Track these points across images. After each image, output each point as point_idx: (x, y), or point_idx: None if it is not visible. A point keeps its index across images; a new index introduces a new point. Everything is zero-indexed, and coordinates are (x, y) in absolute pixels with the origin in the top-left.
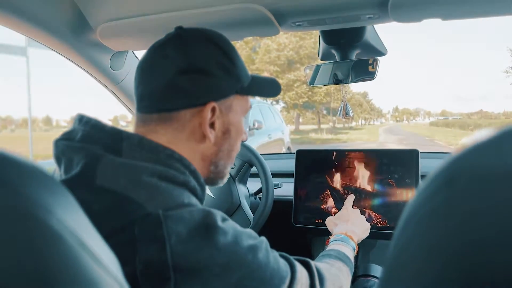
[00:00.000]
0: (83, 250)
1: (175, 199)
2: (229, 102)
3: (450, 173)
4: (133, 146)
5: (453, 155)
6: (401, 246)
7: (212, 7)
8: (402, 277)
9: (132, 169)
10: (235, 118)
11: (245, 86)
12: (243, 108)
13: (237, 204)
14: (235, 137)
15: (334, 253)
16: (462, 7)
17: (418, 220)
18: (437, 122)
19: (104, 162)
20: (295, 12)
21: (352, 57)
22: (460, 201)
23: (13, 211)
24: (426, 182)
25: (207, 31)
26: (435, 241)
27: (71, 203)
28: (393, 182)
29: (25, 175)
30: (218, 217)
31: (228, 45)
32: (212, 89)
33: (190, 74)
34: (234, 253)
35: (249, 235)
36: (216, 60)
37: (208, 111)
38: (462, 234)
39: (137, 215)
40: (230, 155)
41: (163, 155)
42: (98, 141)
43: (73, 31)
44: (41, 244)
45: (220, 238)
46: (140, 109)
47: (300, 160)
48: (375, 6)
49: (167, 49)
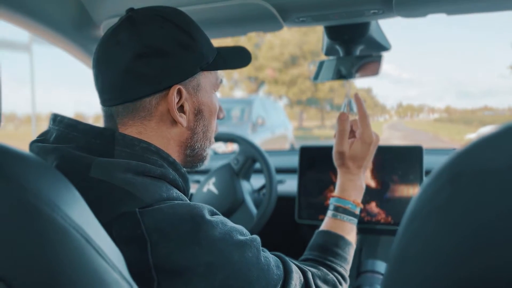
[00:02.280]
0: (89, 244)
1: (152, 194)
2: (196, 81)
3: (453, 170)
4: (106, 143)
5: (456, 152)
6: (405, 243)
7: (216, 2)
8: (406, 273)
9: (105, 167)
10: (205, 96)
11: (211, 61)
12: (213, 84)
13: (240, 200)
14: (209, 117)
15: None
16: (467, 2)
17: (422, 217)
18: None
19: (76, 162)
20: (299, 7)
21: (356, 53)
22: (464, 198)
23: (20, 206)
24: (430, 179)
25: (160, 8)
26: (439, 237)
27: (76, 199)
28: (397, 178)
29: (31, 171)
30: (205, 211)
31: (185, 20)
32: (174, 70)
33: (147, 58)
34: (220, 251)
35: (239, 231)
36: (174, 39)
37: (173, 94)
38: (466, 230)
39: (113, 216)
40: (206, 136)
41: (138, 148)
42: (72, 140)
43: (77, 27)
44: (48, 239)
45: (206, 234)
46: (104, 102)
47: (303, 156)
48: (380, 1)
49: (119, 34)
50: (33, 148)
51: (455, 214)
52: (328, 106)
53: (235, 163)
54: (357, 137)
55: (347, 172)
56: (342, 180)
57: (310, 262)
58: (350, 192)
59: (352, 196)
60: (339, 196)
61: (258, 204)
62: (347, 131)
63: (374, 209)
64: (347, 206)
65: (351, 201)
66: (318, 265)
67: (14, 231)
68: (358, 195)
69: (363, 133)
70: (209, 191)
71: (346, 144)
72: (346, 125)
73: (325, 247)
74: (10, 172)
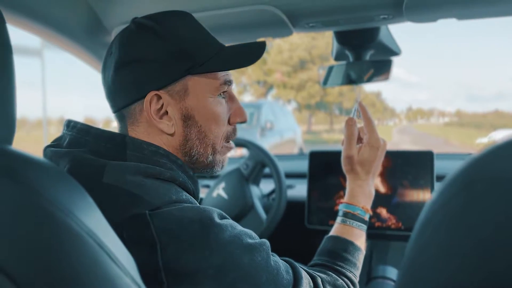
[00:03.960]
0: (102, 250)
1: (162, 196)
2: (181, 85)
3: (467, 177)
4: (117, 147)
5: (470, 160)
6: (418, 250)
7: (226, 9)
8: (419, 280)
9: (116, 170)
10: (194, 101)
11: (202, 64)
12: (208, 88)
13: (250, 205)
14: (205, 122)
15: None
16: (478, 7)
17: (435, 224)
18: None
19: (88, 165)
20: (309, 13)
21: (366, 58)
22: (478, 205)
23: (34, 211)
24: (444, 186)
25: (153, 15)
26: (452, 244)
27: (89, 205)
28: (407, 184)
29: (46, 177)
30: (215, 215)
31: (173, 24)
32: (152, 77)
33: (127, 67)
34: (230, 253)
35: (248, 235)
36: (151, 46)
37: (148, 101)
38: (480, 238)
39: (123, 217)
40: (204, 142)
41: (147, 152)
42: (84, 144)
43: (88, 33)
44: (62, 244)
45: (216, 237)
46: (111, 109)
47: (313, 161)
48: (390, 7)
49: (113, 45)
50: (47, 152)
51: (468, 221)
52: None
53: (245, 168)
54: (365, 142)
55: (356, 178)
56: (351, 186)
57: (319, 267)
58: (359, 198)
59: (361, 202)
60: (348, 202)
61: (267, 209)
62: (355, 136)
63: (384, 215)
64: (356, 212)
65: (360, 207)
66: (327, 270)
67: (28, 236)
68: (367, 201)
69: (370, 137)
70: (218, 196)
71: (354, 149)
72: (354, 130)
73: (334, 252)
74: (24, 178)
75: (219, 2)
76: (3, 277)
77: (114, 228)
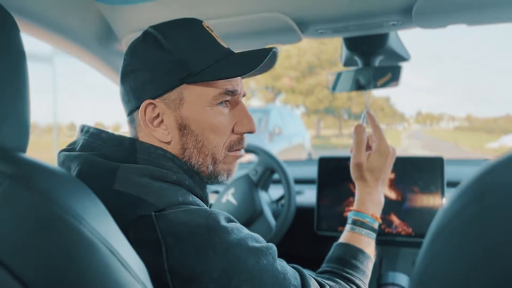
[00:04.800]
0: (114, 256)
1: (168, 198)
2: (177, 94)
3: (479, 188)
4: (125, 149)
5: (484, 167)
6: (431, 258)
7: (236, 17)
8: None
9: (123, 172)
10: (190, 110)
11: (197, 73)
12: (204, 97)
13: (259, 211)
14: (201, 131)
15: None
16: (488, 12)
17: (448, 232)
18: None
19: (97, 168)
20: (318, 20)
21: (375, 63)
22: (490, 215)
23: (47, 218)
24: (457, 194)
25: (158, 24)
26: (465, 253)
27: (101, 212)
28: (418, 189)
29: (59, 185)
30: (221, 217)
31: (166, 33)
32: (148, 86)
33: (130, 75)
34: (235, 256)
35: (255, 238)
36: (151, 55)
37: (142, 110)
38: (493, 247)
39: (130, 219)
40: (203, 152)
41: (155, 155)
42: (95, 148)
43: (99, 41)
44: (74, 250)
45: (221, 239)
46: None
47: (322, 167)
48: (399, 13)
49: (125, 53)
50: (60, 156)
51: (481, 231)
52: (346, 114)
53: (254, 174)
54: (374, 149)
55: (365, 185)
56: (360, 193)
57: (328, 274)
58: (368, 206)
59: (370, 210)
60: (357, 209)
61: (276, 215)
62: (364, 143)
63: (394, 221)
64: (365, 219)
65: (370, 215)
66: (336, 277)
67: (41, 242)
68: (376, 209)
69: (379, 144)
70: (228, 202)
71: (363, 155)
72: (362, 137)
73: (343, 259)
74: (38, 185)
75: (229, 10)
76: (16, 282)
77: (121, 229)
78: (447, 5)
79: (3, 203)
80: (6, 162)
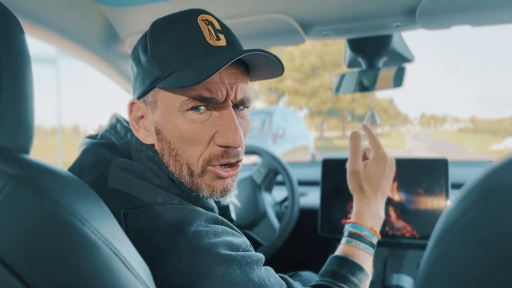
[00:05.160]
0: (117, 257)
1: (145, 197)
2: (153, 97)
3: (484, 188)
4: (127, 143)
5: (487, 169)
6: (435, 260)
7: (240, 18)
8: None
9: (113, 165)
10: (161, 115)
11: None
12: (174, 102)
13: (263, 213)
14: (173, 138)
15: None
16: (492, 13)
17: (452, 234)
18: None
19: (91, 157)
20: (321, 21)
21: (379, 65)
22: (494, 216)
23: (51, 219)
24: (461, 196)
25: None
26: (469, 255)
27: (105, 214)
28: (422, 191)
29: (63, 187)
30: (199, 219)
31: (157, 33)
32: (134, 85)
33: (132, 67)
34: (199, 263)
35: (232, 246)
36: (139, 53)
37: (128, 108)
38: (496, 249)
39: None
40: (176, 160)
41: (144, 155)
42: (108, 138)
43: (103, 43)
44: (77, 251)
45: (188, 243)
46: None
47: (326, 169)
48: (403, 14)
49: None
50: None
51: (485, 232)
52: (350, 116)
53: (257, 175)
54: (371, 158)
55: (363, 196)
56: (358, 205)
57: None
58: (366, 218)
59: (369, 222)
60: (355, 222)
61: (280, 217)
62: (360, 150)
63: (398, 223)
64: (363, 233)
65: (368, 228)
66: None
67: (45, 243)
68: (376, 223)
69: (377, 153)
70: (231, 204)
71: (360, 163)
72: (358, 144)
73: (337, 273)
74: (42, 186)
75: (232, 12)
76: (19, 282)
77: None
78: (451, 6)
79: (7, 203)
80: (10, 163)
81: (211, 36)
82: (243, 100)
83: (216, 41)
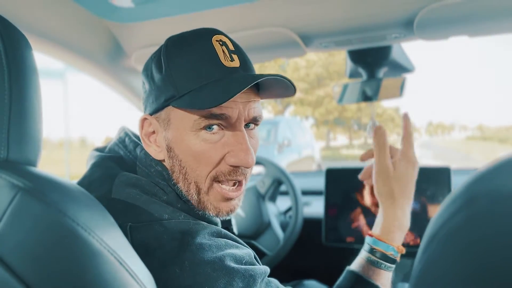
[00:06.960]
0: (122, 266)
1: (152, 213)
2: (166, 114)
3: (470, 193)
4: (134, 158)
5: (473, 175)
6: (425, 264)
7: (241, 31)
8: None
9: (119, 180)
10: (174, 133)
11: (181, 96)
12: (187, 121)
13: (267, 223)
14: (184, 157)
15: None
16: (488, 24)
17: (440, 238)
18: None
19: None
20: (321, 34)
21: (379, 75)
22: (480, 221)
23: (58, 229)
24: (448, 201)
25: (172, 37)
26: (457, 259)
27: (110, 224)
28: (425, 200)
29: (70, 198)
30: (203, 233)
31: (171, 51)
32: (147, 101)
33: (143, 86)
34: (203, 275)
35: (236, 258)
36: (149, 70)
37: (140, 123)
38: (483, 253)
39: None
40: (186, 178)
41: (153, 170)
42: (116, 151)
43: (109, 57)
44: (83, 259)
45: (192, 256)
46: None
47: (330, 179)
48: (401, 26)
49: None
50: (90, 154)
51: (471, 236)
52: (356, 125)
53: (261, 185)
54: (400, 156)
55: (393, 204)
56: (386, 216)
57: None
58: (395, 235)
59: (396, 239)
60: (380, 238)
61: (284, 226)
62: (387, 146)
63: None
64: (389, 252)
65: (395, 247)
66: None
67: (51, 252)
68: (402, 237)
69: (407, 151)
70: (235, 214)
71: (388, 160)
72: (385, 139)
73: None
74: (49, 197)
75: (234, 25)
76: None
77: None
78: (448, 18)
79: (16, 214)
80: (19, 175)
81: (225, 57)
82: (256, 118)
83: (230, 62)
